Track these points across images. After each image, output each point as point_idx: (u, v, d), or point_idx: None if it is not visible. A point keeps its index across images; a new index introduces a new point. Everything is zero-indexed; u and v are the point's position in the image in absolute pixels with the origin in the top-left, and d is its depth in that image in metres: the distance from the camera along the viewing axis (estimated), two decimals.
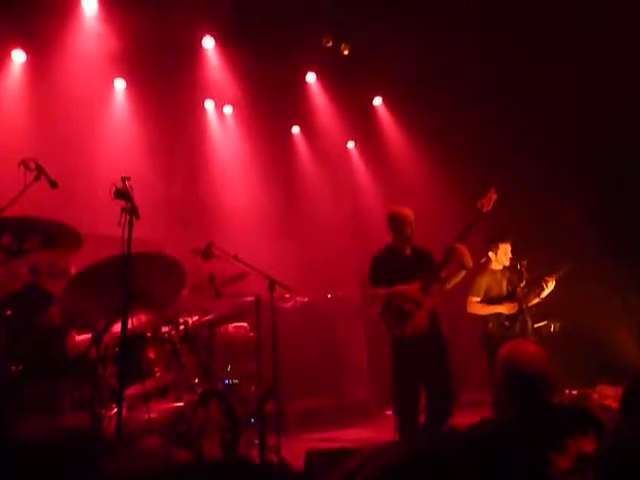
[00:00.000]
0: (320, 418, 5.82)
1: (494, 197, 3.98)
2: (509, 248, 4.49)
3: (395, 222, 4.06)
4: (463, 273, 4.03)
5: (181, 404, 2.88)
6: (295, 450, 3.91)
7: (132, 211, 2.64)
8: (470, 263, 3.96)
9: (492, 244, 4.52)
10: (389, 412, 6.19)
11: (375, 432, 5.28)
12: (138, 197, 2.80)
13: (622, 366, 4.54)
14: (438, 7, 5.63)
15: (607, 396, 3.99)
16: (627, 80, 5.57)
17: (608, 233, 5.56)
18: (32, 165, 3.02)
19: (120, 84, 6.51)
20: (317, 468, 2.35)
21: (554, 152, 6.02)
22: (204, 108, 7.15)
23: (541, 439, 1.84)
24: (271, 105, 6.86)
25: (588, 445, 1.82)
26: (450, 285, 4.00)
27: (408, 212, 4.08)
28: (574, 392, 4.59)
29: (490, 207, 3.97)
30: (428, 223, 6.88)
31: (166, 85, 6.28)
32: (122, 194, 2.75)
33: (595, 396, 4.07)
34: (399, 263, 3.98)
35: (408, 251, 4.06)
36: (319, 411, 5.96)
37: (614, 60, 5.50)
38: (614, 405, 3.91)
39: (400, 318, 3.81)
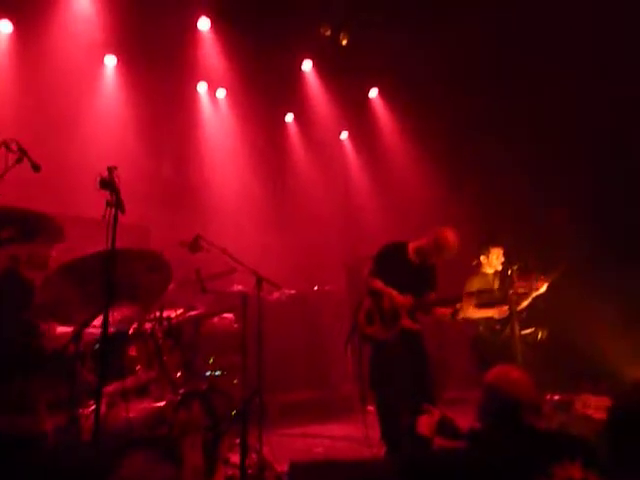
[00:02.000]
0: (303, 411, 5.80)
1: (540, 286, 4.15)
2: (501, 252, 4.45)
3: (434, 243, 3.80)
4: (449, 319, 4.03)
5: (162, 404, 2.81)
6: (276, 447, 3.88)
7: (117, 204, 2.52)
8: (461, 317, 4.05)
9: (484, 248, 4.48)
10: (371, 408, 6.20)
11: (357, 429, 5.24)
12: (125, 178, 2.68)
13: (606, 375, 4.56)
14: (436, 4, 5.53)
15: (589, 406, 3.99)
16: (618, 81, 5.55)
17: (598, 240, 5.56)
18: (14, 147, 2.87)
19: (111, 60, 6.30)
20: (300, 479, 2.31)
21: (545, 156, 6.00)
22: (197, 90, 6.97)
23: (528, 465, 1.82)
24: (266, 91, 6.72)
25: (576, 472, 1.79)
26: (434, 317, 3.99)
27: (456, 244, 3.81)
28: (556, 397, 4.61)
29: (524, 291, 4.16)
30: (417, 215, 6.89)
31: (158, 63, 6.11)
32: (108, 184, 2.62)
33: (578, 405, 4.07)
34: (405, 269, 3.88)
35: (419, 263, 3.93)
36: (303, 404, 5.94)
37: (604, 62, 5.48)
38: (596, 415, 3.93)
39: (376, 315, 3.83)
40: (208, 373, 4.76)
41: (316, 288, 6.95)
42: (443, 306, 3.91)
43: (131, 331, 3.00)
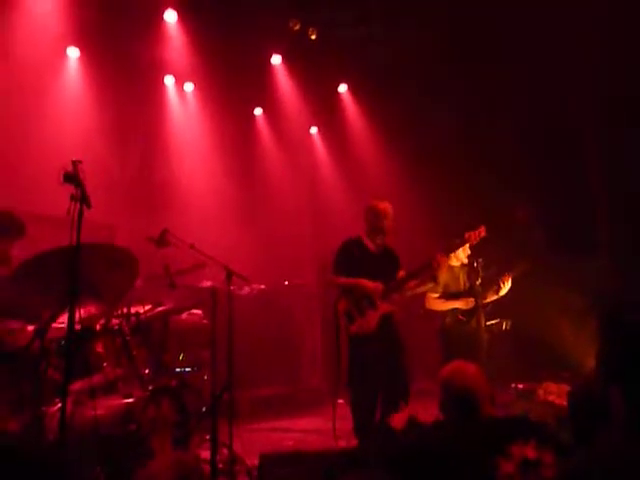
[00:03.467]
0: (273, 406, 5.82)
1: (482, 234, 4.10)
2: (467, 246, 4.54)
3: (371, 215, 4.00)
4: (431, 285, 4.09)
5: (131, 400, 2.78)
6: (247, 442, 3.89)
7: (82, 199, 2.47)
8: (442, 279, 4.07)
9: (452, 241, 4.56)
10: (341, 401, 6.27)
11: (327, 421, 5.27)
12: (90, 176, 2.62)
13: (567, 363, 4.74)
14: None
15: (551, 392, 4.13)
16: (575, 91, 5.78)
17: (557, 232, 5.76)
18: None
19: (74, 53, 6.12)
20: (270, 470, 2.32)
21: (509, 154, 6.17)
22: (164, 84, 6.86)
23: (487, 447, 1.91)
24: (234, 85, 6.66)
25: (530, 451, 1.89)
26: (413, 293, 4.04)
27: (387, 206, 4.03)
28: (520, 386, 4.76)
29: (474, 242, 4.12)
30: None
31: (124, 56, 5.97)
32: (72, 179, 2.56)
33: (540, 392, 4.21)
34: (366, 259, 3.95)
35: (378, 249, 4.03)
36: (272, 399, 5.96)
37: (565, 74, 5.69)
38: (557, 401, 4.08)
39: (354, 311, 3.84)
40: (178, 369, 4.73)
41: (286, 283, 6.97)
42: (416, 279, 3.97)
43: (98, 327, 2.96)
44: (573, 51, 5.43)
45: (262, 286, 6.51)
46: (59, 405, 2.43)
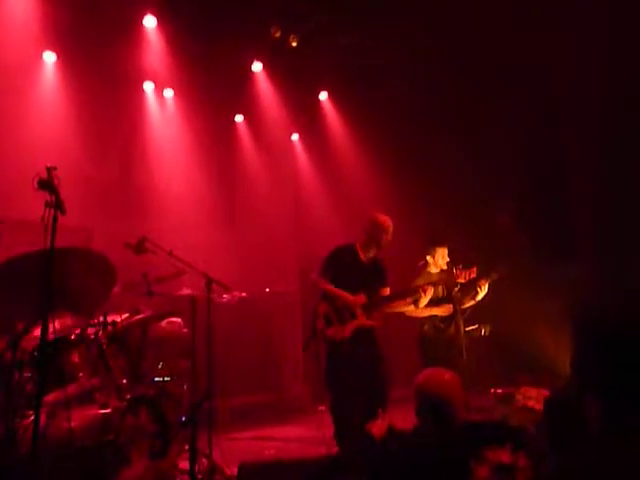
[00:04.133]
0: (254, 415, 5.77)
1: (472, 276, 4.17)
2: (446, 252, 4.58)
3: (372, 226, 3.98)
4: (411, 308, 4.14)
5: (107, 411, 2.72)
6: (227, 451, 3.84)
7: (57, 205, 2.43)
8: (423, 305, 4.11)
9: (430, 248, 4.59)
10: (322, 407, 6.24)
11: (309, 429, 5.28)
12: (66, 180, 2.59)
13: (546, 368, 4.79)
14: (384, 9, 5.63)
15: (530, 397, 4.17)
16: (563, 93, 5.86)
17: (540, 238, 5.84)
18: None
19: (50, 57, 6.03)
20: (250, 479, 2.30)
21: (491, 157, 6.25)
22: (143, 90, 6.79)
23: (460, 451, 1.92)
24: (215, 92, 6.63)
25: (505, 456, 1.91)
26: (391, 311, 4.07)
27: (388, 220, 4.02)
28: (499, 391, 4.80)
29: (464, 281, 4.18)
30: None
31: (102, 62, 5.89)
32: (46, 185, 2.52)
33: (519, 397, 4.25)
34: (356, 268, 3.96)
35: (369, 261, 4.03)
36: (254, 407, 5.91)
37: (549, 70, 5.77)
38: (536, 406, 4.12)
39: (334, 317, 3.86)
40: (157, 379, 4.65)
41: (268, 290, 6.93)
42: (400, 299, 4.00)
43: (73, 337, 2.89)
44: (560, 54, 5.51)
45: (243, 294, 6.46)
46: (32, 417, 2.37)
